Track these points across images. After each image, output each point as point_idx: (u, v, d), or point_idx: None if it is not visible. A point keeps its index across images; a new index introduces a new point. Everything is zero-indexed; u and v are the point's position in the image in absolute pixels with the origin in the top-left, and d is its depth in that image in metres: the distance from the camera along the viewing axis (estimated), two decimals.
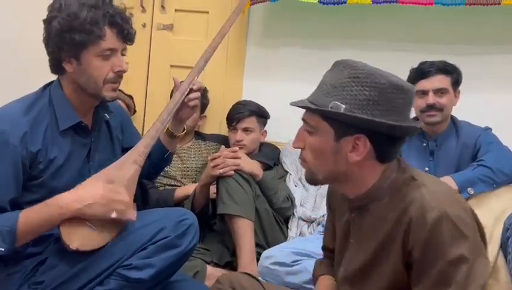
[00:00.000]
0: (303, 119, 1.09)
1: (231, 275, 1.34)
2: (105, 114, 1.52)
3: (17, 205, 1.33)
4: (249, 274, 1.33)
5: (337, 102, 0.99)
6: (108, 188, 1.32)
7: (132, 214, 1.35)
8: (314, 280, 1.34)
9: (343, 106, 0.99)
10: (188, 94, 1.57)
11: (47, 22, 1.36)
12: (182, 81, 1.62)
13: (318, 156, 1.05)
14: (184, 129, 1.67)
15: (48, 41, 1.37)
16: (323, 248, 1.37)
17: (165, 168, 1.92)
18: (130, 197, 1.37)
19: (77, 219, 1.30)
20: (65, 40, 1.33)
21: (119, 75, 1.40)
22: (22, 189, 1.35)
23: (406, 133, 1.05)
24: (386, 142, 1.03)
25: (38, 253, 1.38)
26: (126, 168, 1.40)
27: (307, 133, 1.07)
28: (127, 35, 1.39)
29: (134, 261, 1.32)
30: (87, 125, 1.46)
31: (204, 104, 2.47)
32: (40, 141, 1.35)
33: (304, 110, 1.09)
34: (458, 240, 0.94)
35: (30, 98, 1.41)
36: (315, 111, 1.03)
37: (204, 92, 2.37)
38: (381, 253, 1.05)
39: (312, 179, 1.11)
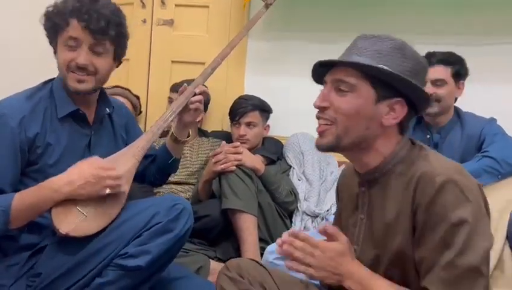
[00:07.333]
0: (337, 79, 1.06)
1: (240, 261, 1.30)
2: (107, 108, 1.54)
3: None
4: (256, 261, 1.31)
5: (385, 67, 1.01)
6: (97, 166, 1.33)
7: (126, 186, 1.36)
8: None
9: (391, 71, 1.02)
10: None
11: None
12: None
13: (353, 116, 1.04)
14: (189, 135, 1.68)
15: None
16: None
17: None
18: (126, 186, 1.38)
19: (70, 203, 1.31)
20: (44, 25, 1.43)
21: (79, 67, 1.40)
22: (23, 175, 1.37)
23: (428, 104, 1.10)
24: (413, 113, 1.08)
25: (37, 244, 1.38)
26: (124, 161, 1.42)
27: (336, 93, 1.05)
28: (93, 29, 1.38)
29: (130, 249, 1.31)
30: (85, 114, 1.48)
31: (204, 101, 2.45)
32: (39, 125, 1.38)
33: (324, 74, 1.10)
34: (462, 204, 0.95)
35: (31, 89, 1.45)
36: (377, 71, 1.02)
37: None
38: (393, 226, 1.04)
39: (334, 145, 1.07)
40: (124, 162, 1.41)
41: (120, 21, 1.44)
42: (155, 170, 1.69)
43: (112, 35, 1.41)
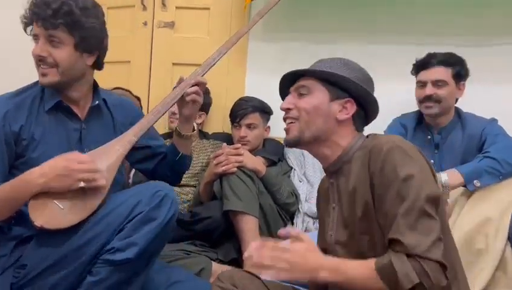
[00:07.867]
0: (298, 86, 1.26)
1: (232, 272, 1.33)
2: (97, 101, 1.54)
3: None
4: (250, 272, 1.32)
5: (333, 71, 1.23)
6: (70, 159, 1.32)
7: (102, 180, 1.33)
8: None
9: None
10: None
11: None
12: None
13: (312, 112, 1.23)
14: (194, 129, 1.66)
15: None
16: None
17: None
18: (107, 179, 1.36)
19: (47, 197, 1.31)
20: (25, 31, 1.47)
21: (38, 59, 1.42)
22: (14, 168, 1.39)
23: (377, 108, 1.28)
24: (363, 113, 1.27)
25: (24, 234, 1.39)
26: (108, 154, 1.40)
27: (298, 97, 1.26)
28: (41, 19, 1.39)
29: (116, 243, 1.30)
30: (69, 106, 1.48)
31: (204, 103, 2.44)
32: (24, 118, 1.41)
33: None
34: (408, 163, 1.10)
35: (21, 88, 1.48)
36: (326, 74, 1.23)
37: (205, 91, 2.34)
38: (356, 199, 1.17)
39: (298, 139, 1.25)
40: (107, 156, 1.39)
41: (70, 10, 1.38)
42: (167, 169, 1.67)
43: (61, 23, 1.38)
